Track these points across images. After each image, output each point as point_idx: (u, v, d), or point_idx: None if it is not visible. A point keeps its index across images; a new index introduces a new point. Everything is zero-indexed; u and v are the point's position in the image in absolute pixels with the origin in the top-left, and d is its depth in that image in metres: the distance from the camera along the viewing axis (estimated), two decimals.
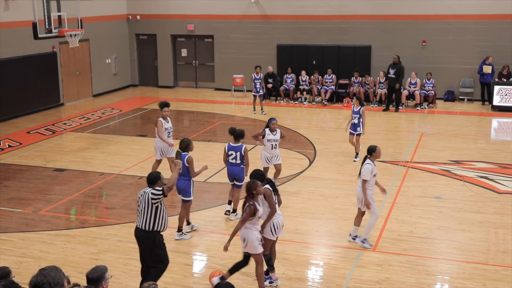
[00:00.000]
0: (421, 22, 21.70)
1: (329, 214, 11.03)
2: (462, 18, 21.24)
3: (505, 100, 19.93)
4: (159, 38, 25.26)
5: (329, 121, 19.48)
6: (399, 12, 21.84)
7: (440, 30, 21.53)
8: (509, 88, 19.87)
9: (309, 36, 22.91)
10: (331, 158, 14.60)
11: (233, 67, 23.91)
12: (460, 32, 21.35)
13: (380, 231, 10.07)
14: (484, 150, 15.23)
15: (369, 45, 22.27)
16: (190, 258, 9.39)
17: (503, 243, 9.63)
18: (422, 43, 21.85)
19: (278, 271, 8.51)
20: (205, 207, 11.49)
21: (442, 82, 21.32)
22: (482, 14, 21.01)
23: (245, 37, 23.95)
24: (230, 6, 23.82)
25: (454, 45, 21.49)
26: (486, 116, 19.45)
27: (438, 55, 21.64)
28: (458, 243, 9.65)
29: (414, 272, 8.65)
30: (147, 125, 19.04)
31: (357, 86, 21.44)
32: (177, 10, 24.62)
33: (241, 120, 19.56)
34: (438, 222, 10.58)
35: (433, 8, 21.46)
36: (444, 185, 12.55)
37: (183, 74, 25.71)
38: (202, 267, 9.14)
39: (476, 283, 8.21)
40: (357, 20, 22.28)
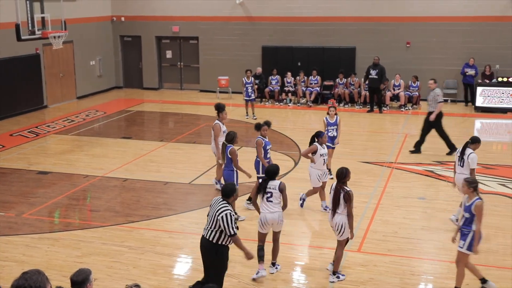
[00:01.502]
0: (405, 24, 21.84)
1: (314, 215, 11.06)
2: (446, 20, 21.41)
3: (488, 101, 20.11)
4: (144, 40, 25.17)
5: (314, 122, 19.49)
6: (383, 14, 21.96)
7: (423, 32, 21.69)
8: (491, 89, 20.06)
9: (294, 37, 22.96)
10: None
11: (218, 69, 23.89)
12: (443, 34, 21.52)
13: (365, 232, 10.11)
14: None
15: (354, 47, 22.37)
16: (175, 260, 9.35)
17: (486, 243, 9.69)
18: (406, 45, 21.99)
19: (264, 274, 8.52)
20: (190, 209, 11.46)
21: (426, 83, 21.37)
22: (466, 16, 21.19)
23: (230, 38, 23.95)
24: (215, 7, 23.81)
25: (437, 47, 21.65)
26: (469, 117, 19.62)
27: (421, 56, 21.79)
28: (442, 243, 9.71)
29: (398, 272, 8.69)
30: (132, 127, 18.98)
31: (342, 87, 21.53)
32: (162, 12, 24.56)
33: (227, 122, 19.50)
34: (422, 222, 10.64)
35: (417, 10, 21.62)
36: (428, 185, 12.64)
37: (168, 76, 25.65)
38: (187, 269, 9.11)
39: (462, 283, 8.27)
40: (342, 21, 22.37)
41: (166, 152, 15.61)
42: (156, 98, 23.70)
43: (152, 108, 21.92)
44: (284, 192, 8.47)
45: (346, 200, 8.07)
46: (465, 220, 7.74)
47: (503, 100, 19.98)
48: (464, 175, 9.65)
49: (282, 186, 8.46)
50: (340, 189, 8.16)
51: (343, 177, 8.24)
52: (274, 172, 8.61)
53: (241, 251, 7.58)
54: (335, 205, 8.17)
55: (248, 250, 7.52)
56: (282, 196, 8.47)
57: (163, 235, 10.14)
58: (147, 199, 11.94)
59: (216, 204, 7.35)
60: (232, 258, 9.08)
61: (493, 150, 15.75)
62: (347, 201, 8.06)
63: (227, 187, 7.52)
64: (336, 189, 8.22)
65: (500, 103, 20.00)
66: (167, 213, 11.17)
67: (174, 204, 11.68)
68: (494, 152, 15.51)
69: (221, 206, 7.27)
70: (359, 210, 11.04)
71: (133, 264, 9.00)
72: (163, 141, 16.69)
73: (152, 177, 13.40)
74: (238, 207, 10.86)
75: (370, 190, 12.23)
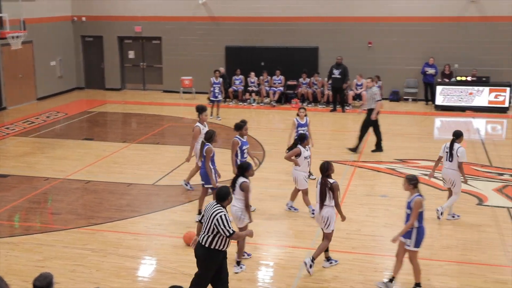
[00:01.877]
0: (367, 24, 22.11)
1: (279, 214, 11.10)
2: (406, 20, 21.76)
3: (448, 99, 20.52)
4: (106, 40, 24.86)
5: (277, 122, 19.60)
6: (345, 14, 22.19)
7: (385, 32, 22.00)
8: (451, 88, 20.47)
9: (257, 37, 23.01)
10: (280, 159, 14.62)
11: (181, 69, 23.77)
12: (404, 33, 21.87)
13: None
14: (428, 148, 15.62)
15: (317, 47, 22.55)
16: (139, 262, 9.27)
17: (447, 239, 9.91)
18: (368, 45, 22.26)
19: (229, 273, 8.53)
20: (154, 210, 11.37)
21: (387, 82, 21.77)
22: (426, 16, 21.58)
23: (193, 38, 23.86)
24: (178, 7, 23.69)
25: (398, 47, 22.00)
26: (429, 116, 19.98)
27: (383, 56, 22.10)
28: None
29: (362, 269, 8.80)
30: (94, 128, 18.74)
31: (305, 87, 21.68)
32: (124, 12, 24.31)
33: (190, 122, 19.45)
34: (384, 219, 10.79)
35: (378, 10, 21.91)
36: (390, 183, 12.83)
37: (130, 76, 25.39)
38: (152, 271, 9.04)
39: (421, 278, 8.41)
40: (305, 21, 22.52)
41: (129, 153, 15.45)
42: (118, 98, 23.44)
43: (114, 109, 21.68)
44: (245, 192, 8.58)
45: (332, 191, 8.47)
46: (408, 216, 7.91)
47: (462, 99, 20.40)
48: (453, 170, 10.23)
49: (242, 186, 8.60)
50: (325, 182, 8.52)
51: (325, 170, 8.65)
52: (244, 169, 8.75)
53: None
54: (323, 198, 8.54)
55: (247, 232, 7.85)
56: (243, 194, 8.58)
57: (127, 237, 10.04)
58: (110, 201, 11.80)
59: (211, 208, 7.27)
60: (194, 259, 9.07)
61: None
62: (333, 192, 8.47)
63: (222, 191, 7.37)
64: (321, 183, 8.58)
65: (459, 102, 20.42)
66: (131, 215, 11.06)
67: (137, 206, 11.57)
68: None
69: (216, 209, 7.20)
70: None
71: (96, 267, 8.89)
72: (126, 142, 16.52)
73: (115, 178, 13.25)
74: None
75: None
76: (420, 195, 7.86)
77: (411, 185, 7.91)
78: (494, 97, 20.16)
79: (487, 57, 21.17)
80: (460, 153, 10.34)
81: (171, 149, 15.95)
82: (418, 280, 8.08)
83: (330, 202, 8.54)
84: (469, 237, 9.95)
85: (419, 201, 7.79)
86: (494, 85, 20.23)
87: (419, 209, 7.78)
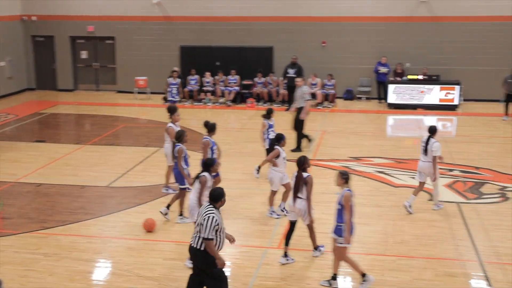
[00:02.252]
0: (320, 23, 22.35)
1: (235, 214, 11.10)
2: (359, 20, 22.10)
3: (400, 98, 20.92)
4: (57, 40, 24.39)
5: (233, 121, 19.61)
6: (299, 14, 22.37)
7: (338, 32, 22.29)
8: (403, 86, 20.88)
9: (212, 37, 22.97)
10: (236, 158, 14.70)
11: (135, 69, 23.53)
12: (357, 33, 22.21)
13: (285, 229, 10.25)
14: (381, 146, 15.92)
15: (271, 46, 22.66)
16: (94, 265, 9.13)
17: (400, 234, 10.10)
18: (322, 44, 22.50)
19: (183, 274, 8.50)
20: (109, 212, 11.21)
21: (341, 81, 22.06)
22: (378, 16, 21.96)
23: (147, 38, 23.65)
24: (132, 7, 23.43)
25: (352, 46, 22.31)
26: (382, 114, 20.34)
27: (337, 55, 22.39)
28: (358, 236, 9.92)
29: (317, 267, 8.89)
30: (46, 130, 18.37)
31: (261, 86, 21.75)
32: (76, 11, 23.89)
33: (145, 122, 19.31)
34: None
35: (332, 10, 22.17)
36: None
37: (83, 76, 24.97)
38: (106, 274, 8.91)
39: (375, 273, 8.55)
40: (259, 21, 22.60)
41: (82, 155, 15.20)
42: (71, 99, 23.03)
43: (67, 110, 21.29)
44: (202, 186, 8.72)
45: (306, 184, 8.71)
46: (338, 212, 8.07)
47: (413, 97, 20.83)
48: (429, 163, 10.77)
49: (200, 179, 8.76)
50: (300, 175, 8.80)
51: (302, 164, 8.90)
52: (210, 165, 8.91)
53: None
54: (296, 190, 8.80)
55: (220, 256, 7.13)
56: (199, 188, 8.77)
57: (81, 240, 9.88)
58: (63, 204, 11.58)
59: (203, 209, 7.23)
60: (151, 261, 9.01)
61: (405, 145, 16.40)
62: (307, 185, 8.69)
63: (215, 192, 7.24)
64: (297, 176, 8.86)
65: (410, 100, 20.85)
66: (85, 218, 10.88)
67: (91, 208, 11.40)
68: (405, 147, 16.15)
69: (207, 210, 7.13)
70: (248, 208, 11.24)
71: (49, 272, 8.71)
72: (79, 144, 16.24)
73: (68, 181, 13.02)
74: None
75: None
76: (349, 190, 8.00)
77: (343, 180, 8.06)
78: (444, 95, 20.67)
79: (437, 56, 21.71)
80: (435, 147, 10.75)
81: (125, 150, 15.77)
82: (335, 272, 8.25)
83: (303, 195, 8.82)
84: (421, 232, 10.18)
85: (348, 196, 7.94)
86: (444, 84, 20.75)
87: (349, 203, 7.91)
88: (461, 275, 8.56)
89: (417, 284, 8.28)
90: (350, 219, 7.95)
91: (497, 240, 9.72)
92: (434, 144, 10.81)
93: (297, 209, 8.91)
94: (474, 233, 10.02)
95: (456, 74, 21.44)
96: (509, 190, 12.27)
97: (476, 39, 21.57)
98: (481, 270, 8.71)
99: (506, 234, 9.99)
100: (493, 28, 21.41)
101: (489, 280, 8.38)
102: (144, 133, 17.80)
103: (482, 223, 10.47)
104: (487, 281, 8.38)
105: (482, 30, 21.51)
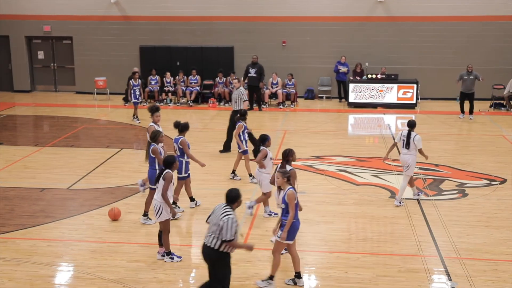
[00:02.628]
0: (280, 23, 22.47)
1: (198, 214, 11.06)
2: (319, 19, 22.31)
3: (360, 97, 21.21)
4: (13, 40, 23.86)
5: (195, 121, 19.50)
6: (259, 13, 22.44)
7: (298, 31, 22.45)
8: (362, 85, 21.17)
9: (172, 37, 22.84)
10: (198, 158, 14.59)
11: (94, 70, 23.21)
12: (316, 33, 22.41)
13: (249, 228, 10.29)
14: (342, 145, 16.10)
15: (232, 46, 22.66)
16: (55, 269, 8.95)
17: (363, 232, 10.24)
18: (282, 44, 22.62)
19: (148, 276, 8.44)
20: (70, 215, 11.02)
21: (302, 81, 22.23)
22: (336, 16, 22.21)
23: (106, 38, 23.35)
24: (89, 6, 23.10)
25: (311, 46, 22.51)
26: (343, 113, 20.58)
27: (297, 55, 22.55)
28: (322, 234, 10.12)
29: (282, 265, 8.88)
30: (3, 132, 17.92)
31: (222, 86, 21.74)
32: (32, 11, 23.40)
33: (105, 123, 19.05)
34: (303, 215, 10.90)
35: (291, 10, 22.32)
36: (307, 179, 13.08)
37: (41, 77, 24.50)
38: (69, 277, 8.75)
39: (339, 271, 8.66)
40: (219, 21, 22.58)
41: (41, 157, 14.89)
42: (28, 101, 22.56)
43: (24, 111, 20.83)
44: (164, 182, 8.72)
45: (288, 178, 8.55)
46: (283, 210, 8.17)
47: (373, 96, 21.15)
48: (410, 155, 11.14)
49: (164, 176, 8.77)
50: (284, 167, 8.96)
51: (286, 155, 9.13)
52: (169, 163, 8.86)
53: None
54: None
55: (244, 245, 7.73)
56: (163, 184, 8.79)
57: (41, 244, 9.67)
58: (22, 208, 11.32)
59: (220, 209, 7.18)
60: (115, 263, 8.90)
61: (365, 144, 16.65)
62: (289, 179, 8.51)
63: (232, 193, 7.26)
64: (281, 167, 9.03)
65: (370, 99, 21.16)
66: (45, 221, 10.66)
67: (52, 211, 11.17)
68: (366, 145, 16.39)
69: (225, 212, 7.11)
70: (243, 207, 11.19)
71: (8, 277, 8.51)
72: (38, 146, 15.92)
73: (27, 184, 12.74)
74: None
75: (253, 186, 12.45)
76: (292, 188, 8.10)
77: (285, 178, 8.13)
78: (403, 93, 21.05)
79: (395, 56, 22.11)
80: (417, 141, 11.15)
81: (86, 151, 15.53)
82: (273, 273, 8.23)
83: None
84: (383, 229, 10.34)
85: (292, 193, 8.01)
86: (402, 82, 21.12)
87: (294, 200, 8.00)
88: (422, 271, 8.72)
89: (380, 281, 8.41)
90: (293, 217, 7.98)
91: (456, 236, 9.95)
92: (416, 137, 11.15)
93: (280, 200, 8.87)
94: (434, 229, 10.23)
95: (413, 73, 21.87)
96: (467, 186, 12.58)
97: (432, 38, 22.05)
98: (442, 265, 8.90)
99: (464, 229, 10.24)
100: (449, 27, 21.93)
101: (449, 275, 8.57)
102: (104, 134, 17.56)
103: (441, 219, 10.70)
104: (448, 276, 8.57)
105: (438, 30, 22.00)
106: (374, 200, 11.72)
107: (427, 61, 22.23)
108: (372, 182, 12.84)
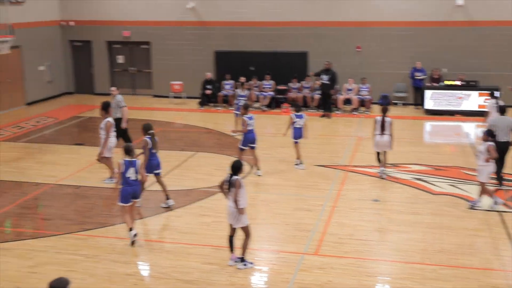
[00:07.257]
0: (354, 28, 22.20)
1: (270, 219, 11.09)
2: (393, 24, 21.89)
3: (437, 104, 20.63)
4: (95, 45, 24.78)
5: (268, 126, 19.56)
6: (333, 18, 22.27)
7: (372, 36, 22.10)
8: (440, 92, 20.59)
9: (246, 42, 23.03)
10: (271, 163, 14.68)
11: (171, 74, 23.74)
12: (391, 38, 21.99)
13: (322, 235, 10.21)
14: (418, 153, 15.71)
15: (306, 51, 22.60)
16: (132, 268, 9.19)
17: (439, 243, 9.93)
18: (356, 49, 22.35)
19: (221, 279, 8.52)
20: (145, 215, 11.30)
21: (376, 87, 21.86)
22: (413, 21, 21.70)
23: (182, 43, 23.83)
24: (167, 12, 23.66)
25: (386, 51, 22.10)
26: (419, 120, 20.08)
27: (371, 60, 22.20)
28: (396, 244, 9.90)
29: (355, 274, 8.80)
30: (84, 133, 18.64)
31: (296, 91, 21.71)
32: (113, 17, 24.22)
33: (181, 127, 19.44)
34: (377, 224, 10.81)
35: (366, 14, 22.01)
36: (381, 187, 12.86)
37: (120, 81, 25.25)
38: (145, 277, 8.97)
39: (415, 282, 8.44)
40: (293, 26, 22.57)
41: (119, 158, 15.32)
42: None
43: None
44: (234, 189, 8.70)
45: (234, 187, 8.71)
46: None
47: (451, 103, 20.53)
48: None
49: (233, 182, 8.76)
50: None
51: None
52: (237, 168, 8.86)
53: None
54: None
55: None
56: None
57: (119, 242, 9.98)
58: (101, 206, 11.73)
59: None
60: (189, 265, 9.03)
61: (443, 152, 16.16)
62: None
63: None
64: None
65: (448, 106, 20.55)
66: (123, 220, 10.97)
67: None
68: (443, 153, 15.91)
69: None
70: (315, 213, 11.17)
71: (90, 273, 8.83)
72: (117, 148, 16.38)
73: (106, 183, 13.17)
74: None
75: (325, 193, 12.37)
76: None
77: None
78: (483, 101, 20.29)
79: (475, 61, 21.35)
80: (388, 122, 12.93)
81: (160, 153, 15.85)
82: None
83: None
84: (461, 240, 9.99)
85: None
86: (483, 89, 20.36)
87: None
88: (505, 286, 8.36)
89: None
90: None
91: None
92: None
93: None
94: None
95: (495, 79, 21.04)
96: None
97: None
98: None
99: None
100: None
101: None
102: (180, 137, 17.92)
103: None
104: None
105: None
106: (451, 210, 11.35)
107: (509, 67, 21.33)
108: (450, 191, 12.45)
